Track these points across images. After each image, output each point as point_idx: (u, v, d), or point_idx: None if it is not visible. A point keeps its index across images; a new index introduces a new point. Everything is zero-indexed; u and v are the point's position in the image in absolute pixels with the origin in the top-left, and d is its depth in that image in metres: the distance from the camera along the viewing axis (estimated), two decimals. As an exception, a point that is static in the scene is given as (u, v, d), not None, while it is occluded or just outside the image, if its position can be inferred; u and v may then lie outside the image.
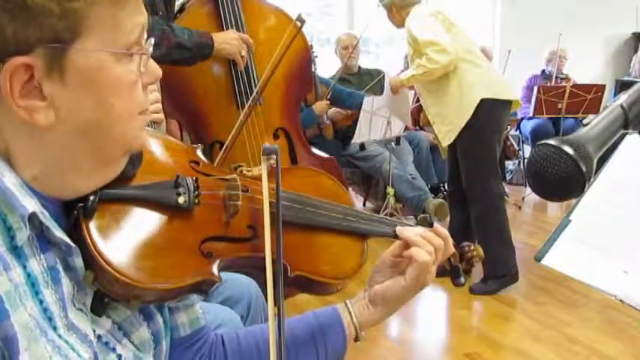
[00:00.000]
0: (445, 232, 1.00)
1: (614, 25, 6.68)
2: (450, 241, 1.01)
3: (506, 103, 3.20)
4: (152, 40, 0.72)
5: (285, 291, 0.74)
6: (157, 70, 0.74)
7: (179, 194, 0.79)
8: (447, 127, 3.22)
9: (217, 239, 0.83)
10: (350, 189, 4.57)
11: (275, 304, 0.72)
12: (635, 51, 6.16)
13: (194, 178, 0.83)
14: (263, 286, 0.85)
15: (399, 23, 3.35)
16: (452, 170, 3.41)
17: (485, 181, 3.19)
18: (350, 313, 0.98)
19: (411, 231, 0.99)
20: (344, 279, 0.95)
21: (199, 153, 0.93)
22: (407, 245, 0.98)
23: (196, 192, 0.81)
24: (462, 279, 1.03)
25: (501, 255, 3.19)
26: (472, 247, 1.05)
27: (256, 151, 2.19)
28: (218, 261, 0.81)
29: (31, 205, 0.64)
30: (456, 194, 3.42)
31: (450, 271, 1.03)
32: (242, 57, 2.18)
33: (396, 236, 1.00)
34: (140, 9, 0.69)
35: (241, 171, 2.35)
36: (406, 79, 3.27)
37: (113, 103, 0.68)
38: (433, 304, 3.24)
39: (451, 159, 3.38)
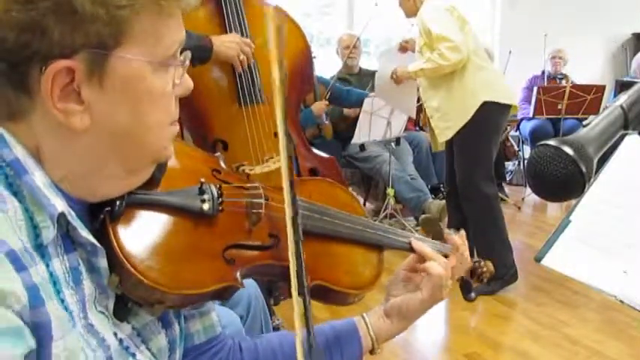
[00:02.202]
0: (461, 243, 1.02)
1: (614, 25, 6.69)
2: (467, 253, 1.02)
3: (507, 107, 3.20)
4: (189, 54, 0.74)
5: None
6: (189, 83, 0.76)
7: (203, 201, 0.80)
8: (445, 124, 3.22)
9: (240, 247, 0.84)
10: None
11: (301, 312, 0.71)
12: (636, 51, 6.15)
13: (217, 185, 0.84)
14: (283, 292, 0.85)
15: (410, 11, 3.31)
16: (450, 170, 3.41)
17: (479, 182, 3.19)
18: (367, 325, 0.99)
19: (427, 245, 1.01)
20: (361, 289, 0.96)
21: (221, 162, 0.94)
22: (422, 259, 1.00)
23: (220, 199, 0.82)
24: (473, 294, 1.04)
25: (499, 255, 3.19)
26: (482, 264, 1.06)
27: (258, 149, 2.19)
28: (240, 268, 0.82)
29: (60, 205, 0.65)
30: (454, 194, 3.42)
31: (462, 286, 1.04)
32: (241, 60, 2.18)
33: (411, 249, 1.01)
34: (181, 26, 0.71)
35: (243, 170, 2.34)
36: (414, 71, 3.23)
37: (147, 112, 0.69)
38: (433, 305, 3.23)
39: (449, 158, 3.39)
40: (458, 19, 3.14)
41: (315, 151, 2.58)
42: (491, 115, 3.13)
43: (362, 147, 4.26)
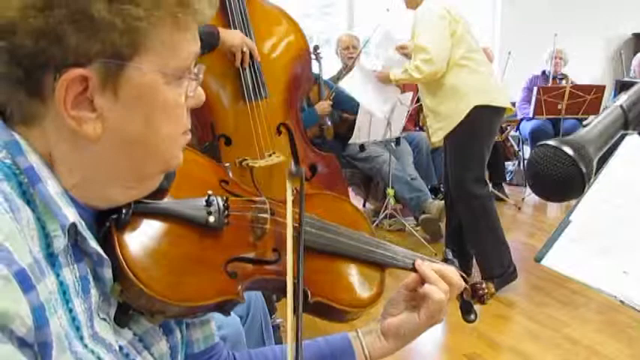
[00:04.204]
0: (453, 269, 1.01)
1: (614, 25, 6.69)
2: (459, 277, 1.01)
3: (500, 110, 3.21)
4: (202, 67, 0.74)
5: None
6: (202, 95, 0.76)
7: (210, 213, 0.80)
8: (437, 125, 3.24)
9: (243, 260, 0.84)
10: (350, 189, 4.57)
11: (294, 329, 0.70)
12: (636, 51, 6.16)
13: (224, 197, 0.84)
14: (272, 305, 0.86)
15: (410, 4, 3.31)
16: (446, 170, 3.41)
17: (470, 184, 3.20)
18: (361, 344, 0.99)
19: (429, 267, 0.99)
20: (362, 307, 0.96)
21: (229, 173, 0.94)
22: (423, 280, 0.99)
23: (226, 212, 0.82)
24: (473, 315, 1.03)
25: (496, 255, 3.20)
26: (484, 285, 1.05)
27: (263, 144, 2.20)
28: (242, 281, 0.82)
29: (71, 215, 0.65)
30: (450, 194, 3.42)
31: (462, 307, 1.03)
32: (243, 52, 2.20)
33: (414, 269, 1.00)
34: (196, 38, 0.71)
35: (247, 164, 2.36)
36: (395, 79, 3.28)
37: (159, 123, 0.69)
38: (433, 305, 3.23)
39: (445, 159, 3.40)
40: (450, 25, 3.12)
41: (316, 149, 2.59)
42: (483, 117, 3.14)
43: (362, 147, 4.26)
